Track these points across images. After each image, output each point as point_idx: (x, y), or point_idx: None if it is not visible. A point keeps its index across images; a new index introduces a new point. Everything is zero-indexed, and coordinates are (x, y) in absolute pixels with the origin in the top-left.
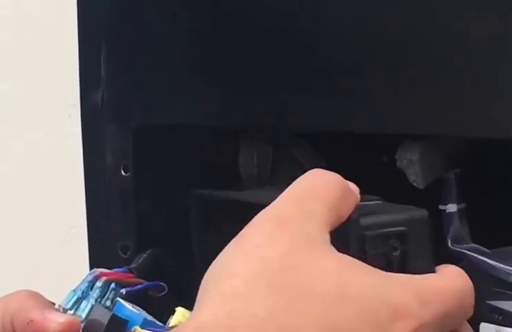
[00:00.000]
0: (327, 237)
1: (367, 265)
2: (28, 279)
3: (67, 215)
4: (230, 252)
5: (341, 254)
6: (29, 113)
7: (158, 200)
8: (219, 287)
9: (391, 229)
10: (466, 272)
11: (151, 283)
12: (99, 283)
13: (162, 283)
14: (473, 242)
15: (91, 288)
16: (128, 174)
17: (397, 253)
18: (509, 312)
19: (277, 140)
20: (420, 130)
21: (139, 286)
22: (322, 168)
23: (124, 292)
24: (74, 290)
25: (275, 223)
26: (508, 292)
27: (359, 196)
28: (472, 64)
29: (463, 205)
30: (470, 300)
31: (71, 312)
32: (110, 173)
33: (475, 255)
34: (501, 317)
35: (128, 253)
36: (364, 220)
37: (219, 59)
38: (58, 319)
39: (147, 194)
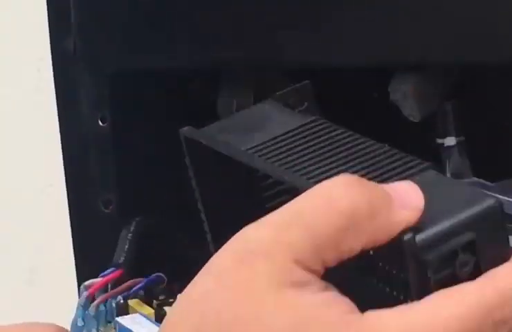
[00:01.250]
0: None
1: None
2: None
3: (42, 173)
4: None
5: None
6: None
7: (139, 150)
8: None
9: (457, 239)
10: None
11: (148, 279)
12: (91, 312)
13: (160, 275)
14: (474, 176)
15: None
16: (105, 124)
17: (467, 269)
18: None
19: (260, 81)
20: (413, 59)
21: (136, 288)
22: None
23: (121, 300)
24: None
25: (229, 263)
26: None
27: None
28: None
29: (462, 138)
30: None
31: None
32: (87, 125)
33: None
34: None
35: (110, 207)
36: (421, 237)
37: None
38: None
39: (127, 144)
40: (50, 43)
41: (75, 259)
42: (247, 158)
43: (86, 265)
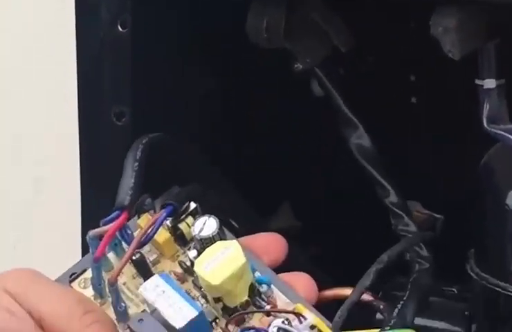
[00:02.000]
0: None
1: None
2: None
3: (57, 80)
4: None
5: None
6: None
7: (159, 63)
8: None
9: None
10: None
11: (163, 214)
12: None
13: (172, 203)
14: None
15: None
16: (126, 30)
17: None
18: None
19: (292, 2)
20: None
21: (155, 229)
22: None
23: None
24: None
25: None
26: None
27: None
28: None
29: (502, 81)
30: None
31: None
32: (105, 29)
33: None
34: None
35: (123, 120)
36: None
37: None
38: None
39: (147, 55)
40: None
41: (81, 170)
42: None
43: (91, 177)
